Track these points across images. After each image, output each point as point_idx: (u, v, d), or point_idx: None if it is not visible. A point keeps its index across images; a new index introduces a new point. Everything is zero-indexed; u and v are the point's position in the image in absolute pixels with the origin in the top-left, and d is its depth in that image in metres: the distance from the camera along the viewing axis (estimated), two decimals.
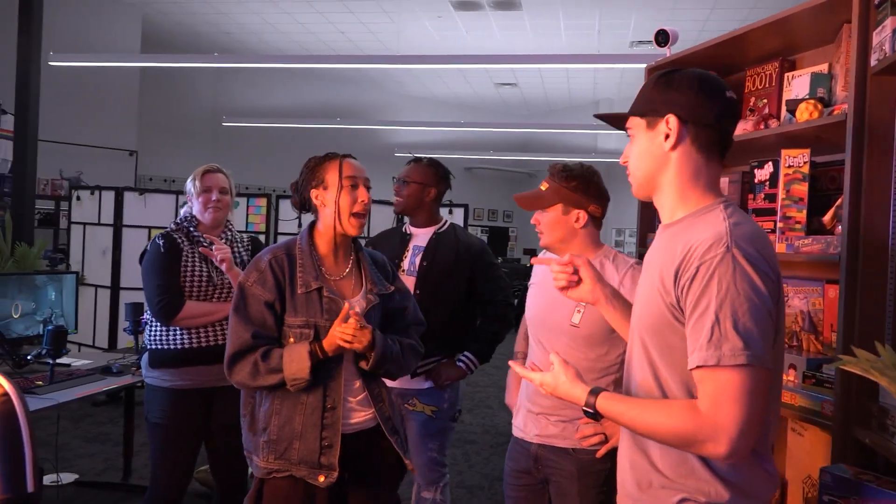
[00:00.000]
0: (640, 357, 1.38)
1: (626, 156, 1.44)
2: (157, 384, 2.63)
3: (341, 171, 1.97)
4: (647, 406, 1.29)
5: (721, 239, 1.22)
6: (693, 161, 1.34)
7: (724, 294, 1.18)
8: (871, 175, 1.74)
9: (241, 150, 11.34)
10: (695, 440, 1.20)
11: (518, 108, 14.28)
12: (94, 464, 4.23)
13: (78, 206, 5.93)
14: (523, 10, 8.47)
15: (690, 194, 1.35)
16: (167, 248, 2.63)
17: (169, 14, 9.41)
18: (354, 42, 10.07)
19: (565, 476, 2.04)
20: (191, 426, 2.63)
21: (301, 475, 1.90)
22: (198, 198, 2.72)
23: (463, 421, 5.79)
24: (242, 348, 1.89)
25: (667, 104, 1.33)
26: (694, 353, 1.21)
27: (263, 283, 1.93)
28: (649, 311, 1.33)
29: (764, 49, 2.33)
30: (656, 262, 1.35)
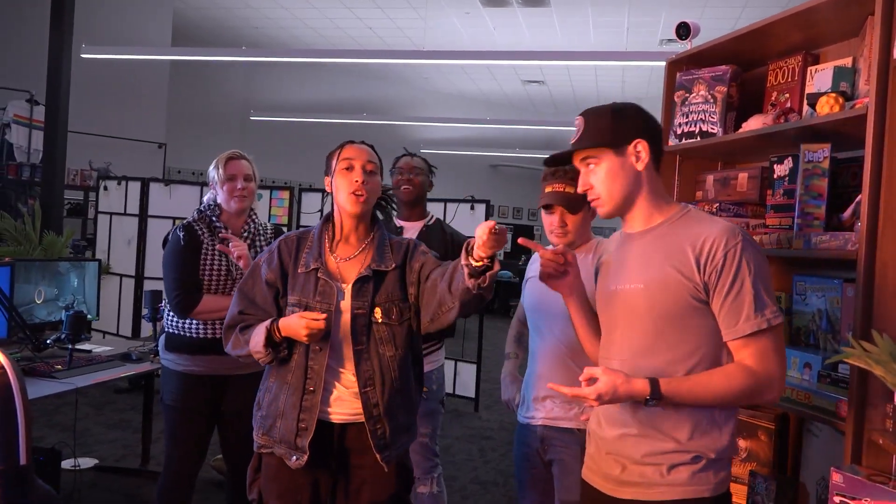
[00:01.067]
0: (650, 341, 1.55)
1: (587, 184, 1.64)
2: (172, 367, 2.66)
3: (338, 155, 1.99)
4: (707, 381, 1.49)
5: (734, 231, 1.50)
6: (654, 175, 1.62)
7: (756, 271, 1.47)
8: (892, 169, 1.69)
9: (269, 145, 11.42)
10: (754, 393, 1.49)
11: (545, 106, 14.21)
12: (114, 450, 4.29)
13: (105, 197, 6.02)
14: (552, 7, 8.42)
15: (661, 203, 1.63)
16: (187, 240, 2.62)
17: (200, 8, 9.52)
18: (382, 38, 10.10)
19: (570, 455, 2.09)
20: (202, 409, 2.65)
21: (280, 454, 1.93)
22: (222, 186, 2.69)
23: (480, 417, 5.78)
24: (230, 322, 2.00)
25: (634, 131, 1.59)
26: (739, 324, 1.47)
27: (270, 262, 1.99)
28: (667, 300, 1.52)
29: (786, 43, 2.28)
30: (656, 261, 1.55)
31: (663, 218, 1.61)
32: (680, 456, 1.52)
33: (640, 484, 1.55)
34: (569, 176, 2.10)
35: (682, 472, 1.52)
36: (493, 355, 8.52)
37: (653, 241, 1.59)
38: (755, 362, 1.47)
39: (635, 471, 1.56)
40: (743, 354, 1.48)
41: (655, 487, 1.53)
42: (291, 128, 11.47)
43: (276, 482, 1.96)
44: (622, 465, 1.58)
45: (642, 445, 1.55)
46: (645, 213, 1.62)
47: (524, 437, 2.25)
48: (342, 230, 2.01)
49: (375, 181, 2.00)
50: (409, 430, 2.04)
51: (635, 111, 1.64)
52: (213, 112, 11.00)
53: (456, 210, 5.87)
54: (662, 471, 1.53)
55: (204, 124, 10.77)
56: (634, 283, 1.58)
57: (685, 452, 1.52)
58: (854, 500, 1.58)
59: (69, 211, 8.13)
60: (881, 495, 1.55)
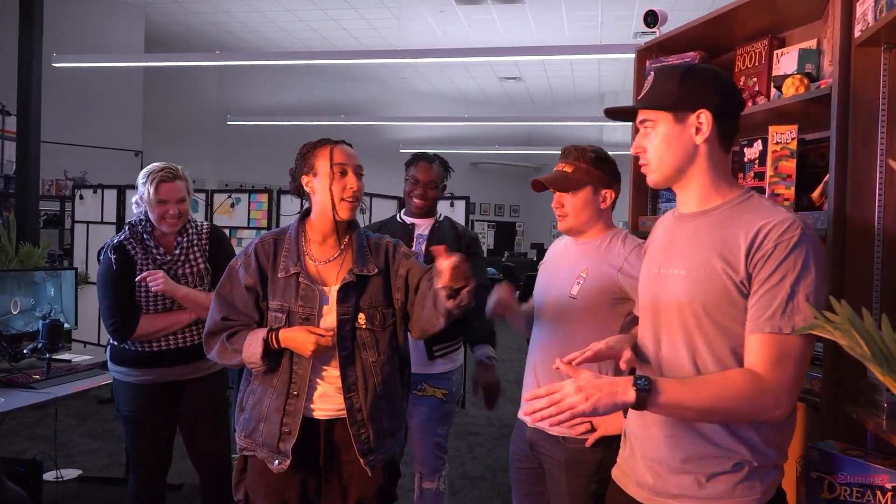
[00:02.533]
0: (687, 331, 1.41)
1: (639, 147, 1.48)
2: (122, 378, 2.62)
3: (332, 158, 1.94)
4: (705, 381, 1.32)
5: (795, 223, 1.32)
6: (718, 152, 1.43)
7: (801, 270, 1.28)
8: (857, 148, 1.72)
9: (247, 149, 11.39)
10: (757, 403, 1.28)
11: (523, 103, 14.26)
12: (97, 460, 4.25)
13: (81, 206, 5.96)
14: (525, 3, 8.45)
15: (721, 183, 1.44)
16: (119, 263, 2.51)
17: (171, 14, 9.45)
18: (357, 38, 10.08)
19: (555, 464, 2.02)
20: (159, 417, 2.62)
21: (262, 457, 1.92)
22: (153, 209, 2.54)
23: (467, 413, 5.78)
24: (213, 329, 1.97)
25: (698, 99, 1.40)
26: (762, 320, 1.29)
27: (247, 266, 1.96)
28: (710, 290, 1.37)
29: (753, 27, 2.30)
30: (704, 246, 1.40)
31: (722, 200, 1.43)
32: (719, 463, 1.38)
33: (677, 496, 1.42)
34: (572, 156, 2.07)
35: (722, 482, 1.38)
36: None
37: (706, 224, 1.43)
38: (765, 368, 1.28)
39: (671, 479, 1.43)
40: (755, 356, 1.30)
41: (694, 501, 1.39)
42: (268, 131, 11.42)
43: (263, 481, 1.95)
44: (656, 470, 1.46)
45: (676, 448, 1.42)
46: (701, 192, 1.45)
47: (518, 434, 2.18)
48: (321, 232, 1.99)
49: (363, 185, 2.00)
50: (395, 436, 2.03)
51: (710, 78, 1.44)
52: (189, 118, 10.93)
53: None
54: (701, 480, 1.39)
55: (180, 130, 10.70)
56: (678, 267, 1.45)
57: (724, 458, 1.37)
58: (831, 475, 1.60)
59: (45, 222, 8.05)
60: (857, 469, 1.57)
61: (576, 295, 2.00)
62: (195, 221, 2.72)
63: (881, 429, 1.58)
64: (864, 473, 1.55)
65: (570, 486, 1.98)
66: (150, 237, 2.59)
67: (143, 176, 2.57)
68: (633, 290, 1.92)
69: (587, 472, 1.96)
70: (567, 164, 2.07)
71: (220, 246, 2.74)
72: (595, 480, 1.96)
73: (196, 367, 2.64)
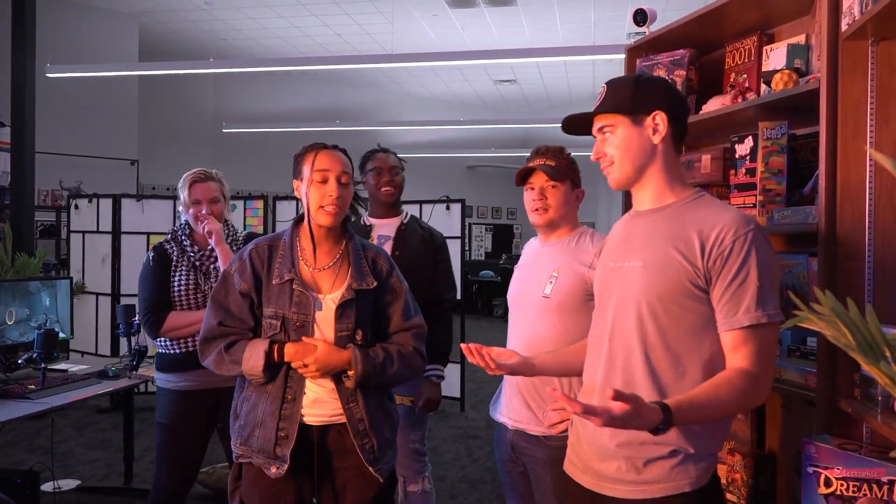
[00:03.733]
0: (640, 321, 1.48)
1: (600, 152, 1.57)
2: (164, 385, 2.67)
3: (313, 164, 1.90)
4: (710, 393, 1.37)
5: (747, 220, 1.43)
6: (672, 153, 1.54)
7: (762, 264, 1.39)
8: (847, 141, 1.71)
9: (243, 156, 11.38)
10: (753, 398, 1.42)
11: (518, 105, 14.26)
12: (96, 470, 4.24)
13: (77, 215, 5.95)
14: (518, 6, 8.46)
15: (676, 184, 1.55)
16: (156, 260, 2.64)
17: (165, 23, 9.46)
18: (351, 44, 10.09)
19: (538, 463, 2.03)
20: (193, 427, 2.64)
21: (259, 463, 1.90)
22: (187, 210, 2.68)
23: (466, 416, 5.78)
24: (208, 335, 1.94)
25: (653, 102, 1.51)
26: (738, 315, 1.39)
27: (242, 272, 1.94)
28: (665, 282, 1.45)
29: (742, 24, 2.30)
30: (659, 241, 1.49)
31: (675, 199, 1.53)
32: (656, 449, 1.44)
33: (617, 480, 1.49)
34: (551, 152, 2.10)
35: (658, 468, 1.45)
36: None
37: (660, 220, 1.52)
38: (752, 363, 1.38)
39: (612, 464, 1.49)
40: (738, 353, 1.39)
41: (633, 485, 1.47)
42: (264, 138, 11.42)
43: (258, 489, 1.93)
44: (600, 456, 1.52)
45: (616, 435, 1.47)
46: (656, 190, 1.54)
47: (499, 440, 2.19)
48: (314, 238, 1.96)
49: (349, 192, 1.94)
50: (392, 447, 2.04)
51: (661, 85, 1.57)
52: (184, 126, 10.93)
53: (432, 210, 5.87)
54: (638, 465, 1.46)
55: (176, 139, 10.69)
56: (634, 260, 1.52)
57: (661, 444, 1.42)
58: (827, 469, 1.60)
59: (41, 232, 8.05)
60: (853, 462, 1.56)
61: (549, 294, 2.03)
62: (233, 227, 2.83)
63: (876, 422, 1.57)
64: (860, 467, 1.55)
65: (555, 484, 1.97)
66: (187, 238, 2.69)
67: (180, 182, 2.71)
68: None
69: None
70: (549, 159, 2.10)
71: None
72: None
73: None
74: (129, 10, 9.00)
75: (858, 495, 1.56)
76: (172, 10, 8.92)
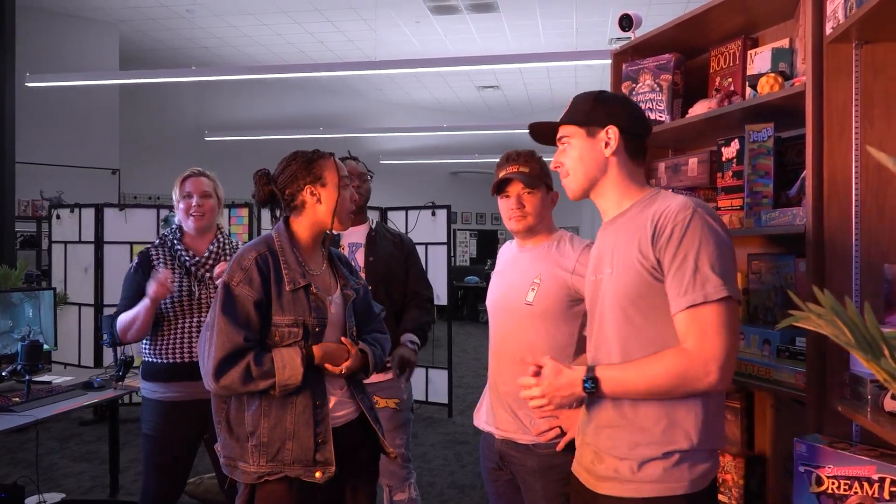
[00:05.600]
0: (618, 331, 1.52)
1: (558, 161, 1.65)
2: (149, 396, 2.61)
3: (340, 171, 1.98)
4: (639, 362, 1.45)
5: (687, 204, 1.46)
6: (627, 165, 1.60)
7: (699, 244, 1.42)
8: (833, 143, 1.74)
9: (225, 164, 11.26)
10: (689, 376, 1.40)
11: (501, 111, 14.31)
12: (81, 482, 4.18)
13: (58, 225, 5.89)
14: (500, 12, 8.49)
15: (632, 189, 1.60)
16: (137, 265, 2.59)
17: (146, 31, 9.40)
18: (334, 51, 10.08)
19: (528, 472, 2.01)
20: (180, 438, 2.58)
21: (296, 475, 1.86)
22: (178, 205, 2.64)
23: (454, 422, 5.77)
24: (234, 351, 1.80)
25: (608, 117, 1.59)
26: (679, 298, 1.42)
27: (250, 282, 1.86)
28: (629, 282, 1.50)
29: (726, 28, 2.32)
30: (622, 245, 1.54)
31: (632, 202, 1.59)
32: (650, 450, 1.47)
33: (614, 479, 1.51)
34: (523, 158, 2.07)
35: (653, 467, 1.47)
36: (463, 360, 8.54)
37: (622, 225, 1.57)
38: (692, 342, 1.40)
39: (610, 465, 1.52)
40: (682, 334, 1.42)
41: (628, 483, 1.49)
42: (247, 146, 11.37)
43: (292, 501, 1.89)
44: (599, 457, 1.55)
45: (614, 437, 1.52)
46: (615, 199, 1.61)
47: (486, 448, 2.16)
48: (311, 242, 2.00)
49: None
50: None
51: (620, 102, 1.64)
52: (166, 134, 10.86)
53: (417, 217, 5.87)
54: (633, 466, 1.48)
55: (158, 147, 10.62)
56: (606, 269, 1.57)
57: (655, 445, 1.46)
58: (818, 468, 1.61)
59: (22, 243, 7.96)
60: (844, 461, 1.58)
61: (532, 302, 2.00)
62: (229, 236, 2.78)
63: (866, 421, 1.59)
64: (851, 465, 1.56)
65: (546, 492, 1.97)
66: (179, 242, 2.65)
67: (174, 185, 2.68)
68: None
69: (561, 476, 1.96)
70: (522, 165, 2.08)
71: None
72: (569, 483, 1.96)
73: None
74: (109, 19, 8.94)
75: (850, 493, 1.58)
76: (153, 18, 8.87)
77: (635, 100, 2.50)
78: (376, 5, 8.25)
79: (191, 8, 8.44)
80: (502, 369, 2.07)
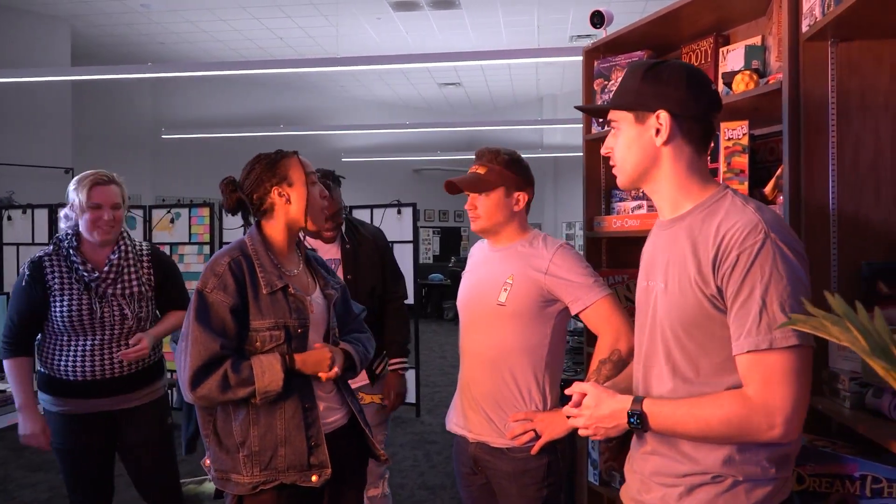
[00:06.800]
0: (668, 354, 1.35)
1: (608, 147, 1.43)
2: (49, 408, 2.43)
3: (304, 170, 1.94)
4: (694, 402, 1.28)
5: (757, 226, 1.23)
6: (686, 154, 1.35)
7: (769, 279, 1.20)
8: (810, 142, 1.74)
9: (183, 163, 11.10)
10: (749, 426, 1.22)
11: (463, 108, 14.29)
12: (37, 493, 4.05)
13: (10, 227, 5.69)
14: (462, 9, 8.46)
15: (691, 186, 1.36)
16: (29, 279, 2.35)
17: (100, 26, 9.14)
18: (293, 47, 9.94)
19: (503, 476, 1.99)
20: (94, 447, 2.44)
21: (291, 480, 1.82)
22: (83, 214, 2.37)
23: (423, 421, 5.73)
24: (210, 359, 1.75)
25: (657, 99, 1.33)
26: (741, 339, 1.22)
27: (224, 287, 1.80)
28: (686, 306, 1.30)
29: (698, 25, 2.33)
30: (678, 257, 1.33)
31: (692, 204, 1.35)
32: (697, 478, 1.31)
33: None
34: (486, 158, 2.06)
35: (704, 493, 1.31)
36: (430, 359, 8.50)
37: (680, 232, 1.35)
38: (754, 389, 1.21)
39: (656, 494, 1.38)
40: (746, 378, 1.24)
41: None
42: (205, 144, 11.14)
43: None
44: (647, 486, 1.42)
45: (656, 464, 1.38)
46: (670, 197, 1.38)
47: (458, 452, 2.13)
48: (285, 244, 1.96)
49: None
50: None
51: (673, 77, 1.34)
52: (122, 133, 10.59)
53: (383, 215, 5.81)
54: (681, 492, 1.33)
55: (113, 145, 10.35)
56: (658, 280, 1.39)
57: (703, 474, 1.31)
58: (799, 466, 1.61)
59: None
60: (825, 459, 1.58)
61: (504, 302, 1.98)
62: (132, 240, 2.56)
63: (844, 417, 1.59)
64: (832, 463, 1.57)
65: (521, 496, 1.96)
66: (76, 253, 2.40)
67: (74, 183, 2.41)
68: (562, 291, 1.95)
69: (537, 479, 1.95)
70: (480, 166, 2.06)
71: (168, 267, 2.63)
72: (545, 486, 1.96)
73: (134, 395, 2.48)
74: (60, 14, 8.66)
75: (831, 491, 1.58)
76: (107, 12, 8.62)
77: (607, 98, 2.49)
78: (337, 1, 8.15)
79: (146, 3, 8.23)
80: (475, 371, 2.05)
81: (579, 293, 1.93)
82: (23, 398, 2.39)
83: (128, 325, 2.44)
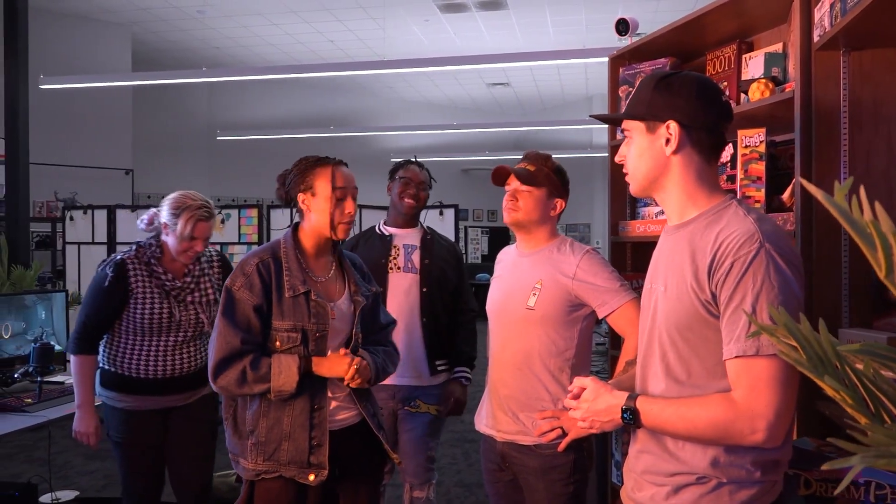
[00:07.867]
0: (663, 355, 1.39)
1: (622, 155, 1.48)
2: (111, 404, 2.58)
3: (334, 182, 1.97)
4: (683, 402, 1.32)
5: (753, 236, 1.26)
6: (695, 164, 1.38)
7: (760, 287, 1.23)
8: (821, 149, 1.75)
9: (237, 164, 11.41)
10: (733, 430, 1.25)
11: (512, 108, 14.29)
12: (94, 480, 4.26)
13: (72, 227, 5.98)
14: (510, 10, 8.50)
15: (698, 195, 1.39)
16: (112, 282, 2.44)
17: (158, 32, 9.48)
18: (344, 50, 10.13)
19: (530, 472, 2.04)
20: (150, 441, 2.58)
21: (290, 475, 1.91)
22: (179, 240, 2.49)
23: (462, 420, 5.79)
24: (231, 353, 1.87)
25: (668, 109, 1.37)
26: (731, 344, 1.25)
27: (251, 287, 1.91)
28: (681, 310, 1.34)
29: (722, 32, 2.33)
30: (678, 262, 1.37)
31: (698, 212, 1.39)
32: (683, 478, 1.35)
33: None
34: (532, 158, 2.12)
35: (689, 493, 1.34)
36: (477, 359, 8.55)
37: (683, 238, 1.39)
38: (741, 393, 1.24)
39: (647, 492, 1.42)
40: (734, 383, 1.26)
41: None
42: (258, 145, 11.44)
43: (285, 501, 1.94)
44: (639, 484, 1.45)
45: (647, 462, 1.42)
46: (678, 204, 1.42)
47: (486, 450, 2.19)
48: (315, 248, 2.03)
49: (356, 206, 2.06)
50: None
51: (684, 89, 1.37)
52: (179, 135, 10.95)
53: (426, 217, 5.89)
54: (668, 492, 1.37)
55: (171, 147, 10.72)
56: (660, 283, 1.43)
57: (687, 474, 1.34)
58: (806, 471, 1.63)
59: (37, 244, 8.07)
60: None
61: (533, 306, 2.03)
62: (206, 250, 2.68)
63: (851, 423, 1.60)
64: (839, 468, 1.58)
65: (549, 491, 2.01)
66: (157, 263, 2.53)
67: (176, 208, 2.49)
68: (589, 295, 2.00)
69: (563, 476, 2.00)
70: (530, 164, 2.12)
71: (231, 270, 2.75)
72: (572, 482, 2.01)
73: (190, 394, 2.62)
74: (121, 21, 9.03)
75: (837, 496, 1.59)
76: (165, 19, 8.95)
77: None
78: (385, 4, 8.28)
79: (202, 9, 8.51)
80: (503, 373, 2.10)
81: (606, 297, 1.98)
82: (83, 396, 2.56)
83: (200, 328, 2.60)
